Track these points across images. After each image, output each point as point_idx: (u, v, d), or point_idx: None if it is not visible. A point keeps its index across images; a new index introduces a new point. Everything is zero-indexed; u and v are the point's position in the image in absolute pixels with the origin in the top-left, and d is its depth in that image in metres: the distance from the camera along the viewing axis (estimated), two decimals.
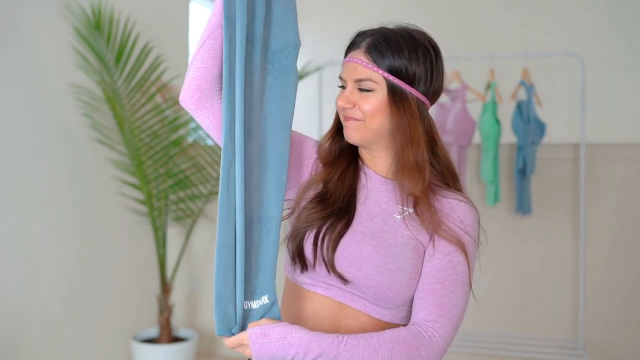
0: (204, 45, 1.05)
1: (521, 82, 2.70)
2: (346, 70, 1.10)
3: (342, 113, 1.10)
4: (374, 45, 1.06)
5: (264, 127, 1.04)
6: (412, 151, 1.07)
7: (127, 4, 2.76)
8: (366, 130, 1.08)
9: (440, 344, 1.00)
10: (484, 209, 2.92)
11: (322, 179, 1.12)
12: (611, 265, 2.78)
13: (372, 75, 1.06)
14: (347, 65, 1.09)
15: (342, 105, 1.08)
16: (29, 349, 2.36)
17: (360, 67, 1.06)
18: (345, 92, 1.09)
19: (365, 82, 1.06)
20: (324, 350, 0.95)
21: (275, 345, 0.96)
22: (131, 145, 2.63)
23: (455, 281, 1.04)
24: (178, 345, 2.76)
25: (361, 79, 1.06)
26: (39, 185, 2.43)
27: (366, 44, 1.07)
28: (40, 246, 2.44)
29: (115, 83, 2.58)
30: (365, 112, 1.06)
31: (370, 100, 1.06)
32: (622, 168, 2.79)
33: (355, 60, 1.07)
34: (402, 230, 1.06)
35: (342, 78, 1.10)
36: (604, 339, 2.77)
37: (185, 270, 3.34)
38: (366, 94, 1.07)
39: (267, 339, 0.96)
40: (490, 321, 2.90)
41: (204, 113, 1.07)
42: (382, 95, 1.06)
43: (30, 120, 2.39)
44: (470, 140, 2.75)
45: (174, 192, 2.83)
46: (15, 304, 2.32)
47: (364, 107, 1.06)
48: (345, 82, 1.10)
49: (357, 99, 1.07)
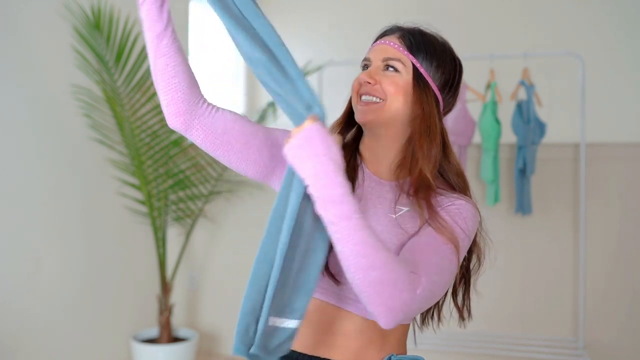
0: (157, 67, 0.98)
1: (521, 82, 2.70)
2: (374, 51, 1.08)
3: (362, 90, 1.05)
4: (410, 33, 1.08)
5: None
6: (428, 141, 1.04)
7: (127, 4, 2.76)
8: (384, 111, 1.04)
9: (420, 298, 0.89)
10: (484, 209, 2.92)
11: None
12: (611, 265, 2.78)
13: (401, 57, 1.05)
14: (377, 46, 1.08)
15: (364, 79, 1.04)
16: (29, 349, 2.36)
17: (391, 48, 1.06)
18: (370, 69, 1.07)
19: (394, 62, 1.05)
20: (343, 206, 0.84)
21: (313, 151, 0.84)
22: (131, 145, 2.63)
23: (441, 256, 0.95)
24: (178, 345, 2.76)
25: (390, 58, 1.05)
26: (39, 185, 2.43)
27: (402, 31, 1.09)
28: (40, 246, 2.44)
29: (115, 83, 2.58)
30: (388, 91, 1.04)
31: (394, 79, 1.05)
32: (622, 168, 2.79)
33: (387, 42, 1.07)
34: (396, 229, 1.02)
35: (367, 58, 1.09)
36: (604, 339, 2.77)
37: (185, 270, 3.34)
38: (392, 74, 1.05)
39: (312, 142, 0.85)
40: (490, 321, 2.90)
41: (195, 132, 1.00)
42: (407, 78, 1.05)
43: (30, 120, 2.38)
44: (470, 140, 2.75)
45: (174, 192, 2.83)
46: (16, 304, 2.32)
47: (386, 86, 1.04)
48: (370, 61, 1.08)
49: (382, 77, 1.05)
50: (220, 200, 2.97)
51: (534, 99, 2.70)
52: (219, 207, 3.18)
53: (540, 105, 2.74)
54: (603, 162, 2.79)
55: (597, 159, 2.79)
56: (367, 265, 0.84)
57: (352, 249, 0.84)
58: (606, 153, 2.80)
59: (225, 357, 3.28)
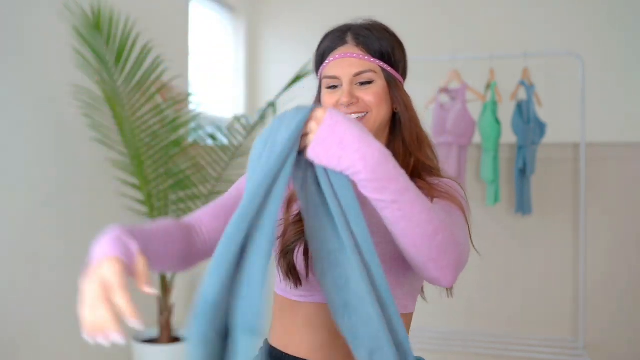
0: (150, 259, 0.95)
1: (521, 82, 2.70)
2: (338, 66, 1.07)
3: (346, 111, 1.05)
4: (362, 37, 1.08)
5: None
6: (417, 127, 1.09)
7: (127, 4, 2.76)
8: (372, 122, 1.05)
9: (468, 249, 0.91)
10: (484, 209, 2.92)
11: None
12: (611, 265, 2.78)
13: (370, 67, 1.06)
14: (340, 61, 1.07)
15: (347, 101, 1.04)
16: (28, 349, 2.36)
17: (357, 60, 1.06)
18: (345, 88, 1.05)
19: (366, 74, 1.06)
20: (400, 178, 0.81)
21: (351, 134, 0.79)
22: (131, 145, 2.63)
23: (455, 222, 0.94)
24: (178, 345, 2.76)
25: (361, 72, 1.05)
26: (39, 186, 2.43)
27: (353, 38, 1.08)
28: (39, 246, 2.44)
29: (115, 83, 2.58)
30: (371, 104, 1.05)
31: (372, 90, 1.06)
32: (622, 168, 2.79)
33: (349, 54, 1.06)
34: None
35: (334, 77, 1.07)
36: (604, 339, 2.77)
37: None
38: (367, 87, 1.06)
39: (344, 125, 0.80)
40: (491, 321, 2.90)
41: (196, 259, 1.06)
42: (381, 84, 1.07)
43: (29, 120, 2.39)
44: (470, 140, 2.75)
45: (174, 192, 2.83)
46: (15, 304, 2.32)
47: (368, 99, 1.05)
48: (338, 79, 1.07)
49: (359, 92, 1.06)
50: None
51: (534, 99, 2.70)
52: None
53: (540, 105, 2.74)
54: (603, 162, 2.79)
55: (597, 159, 2.79)
56: (432, 231, 0.82)
57: (418, 219, 0.81)
58: (606, 153, 2.80)
59: None
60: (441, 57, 3.05)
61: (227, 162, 2.94)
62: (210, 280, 0.83)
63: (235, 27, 4.16)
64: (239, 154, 2.95)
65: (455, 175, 2.72)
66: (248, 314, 0.80)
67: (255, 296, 0.79)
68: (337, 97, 1.06)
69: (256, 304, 0.79)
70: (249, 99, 4.21)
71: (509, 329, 2.89)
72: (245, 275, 0.81)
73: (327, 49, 1.10)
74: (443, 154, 2.76)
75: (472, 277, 2.78)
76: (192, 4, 3.59)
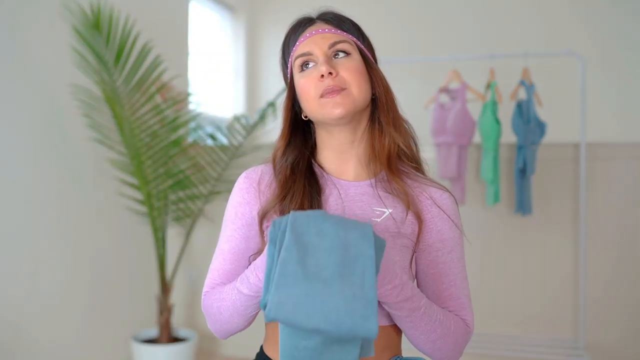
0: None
1: (521, 81, 2.70)
2: (312, 42, 1.00)
3: (324, 86, 0.98)
4: (330, 16, 1.04)
5: None
6: (394, 112, 1.04)
7: (127, 4, 2.76)
8: (351, 98, 0.98)
9: (470, 335, 1.06)
10: (484, 209, 2.92)
11: (278, 203, 1.01)
12: (611, 265, 2.78)
13: (345, 38, 1.01)
14: (312, 38, 1.01)
15: (326, 69, 0.96)
16: (28, 349, 2.36)
17: (330, 34, 1.01)
18: (321, 59, 0.98)
19: (341, 45, 1.00)
20: (414, 298, 0.94)
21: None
22: (131, 145, 2.62)
23: (461, 273, 1.06)
24: (178, 345, 2.76)
25: (336, 42, 1.00)
26: (38, 185, 2.43)
27: (321, 18, 1.04)
28: (39, 246, 2.43)
29: (115, 83, 2.58)
30: (350, 79, 0.98)
31: (350, 64, 0.99)
32: (622, 168, 2.78)
33: (320, 30, 1.01)
34: (384, 233, 1.00)
35: (307, 53, 1.00)
36: (604, 339, 2.77)
37: (185, 271, 3.34)
38: (344, 59, 1.00)
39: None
40: (490, 321, 2.90)
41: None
42: (358, 60, 1.01)
43: (29, 120, 2.38)
44: (470, 140, 2.74)
45: (174, 192, 2.83)
46: (15, 304, 2.31)
47: (346, 74, 0.98)
48: (313, 54, 1.00)
49: (337, 66, 0.99)
50: (220, 200, 2.97)
51: (534, 99, 2.70)
52: (219, 207, 3.18)
53: (540, 105, 2.74)
54: (603, 162, 2.79)
55: (597, 159, 2.79)
56: (435, 337, 0.98)
57: (423, 329, 0.96)
58: (606, 153, 2.79)
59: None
60: (441, 57, 3.05)
61: (227, 162, 2.94)
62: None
63: (235, 27, 4.15)
64: (238, 154, 2.95)
65: (455, 176, 2.71)
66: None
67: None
68: (315, 74, 0.99)
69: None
70: (249, 99, 4.21)
71: (509, 329, 2.89)
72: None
73: (294, 34, 1.04)
74: (443, 154, 2.75)
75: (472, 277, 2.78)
76: (192, 4, 3.59)
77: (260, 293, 0.93)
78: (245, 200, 1.06)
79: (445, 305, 1.04)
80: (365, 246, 0.82)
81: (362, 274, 0.81)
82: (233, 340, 1.09)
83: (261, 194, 1.05)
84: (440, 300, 1.04)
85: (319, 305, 0.78)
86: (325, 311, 0.78)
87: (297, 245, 0.81)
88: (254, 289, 0.94)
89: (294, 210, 0.89)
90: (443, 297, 1.04)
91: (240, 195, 1.07)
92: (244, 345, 2.73)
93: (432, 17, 3.66)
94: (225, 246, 1.06)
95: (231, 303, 0.98)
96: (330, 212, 1.02)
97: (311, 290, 0.79)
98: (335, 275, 0.80)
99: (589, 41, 3.27)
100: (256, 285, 0.93)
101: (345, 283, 0.80)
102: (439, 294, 1.04)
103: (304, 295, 0.79)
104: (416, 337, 0.98)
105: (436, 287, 1.04)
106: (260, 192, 1.05)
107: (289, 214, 0.85)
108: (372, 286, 0.80)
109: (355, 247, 0.82)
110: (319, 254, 0.81)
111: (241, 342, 2.01)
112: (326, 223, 0.83)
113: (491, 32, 3.51)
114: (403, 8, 3.66)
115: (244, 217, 1.05)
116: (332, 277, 0.80)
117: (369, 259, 0.82)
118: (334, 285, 0.79)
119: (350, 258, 0.82)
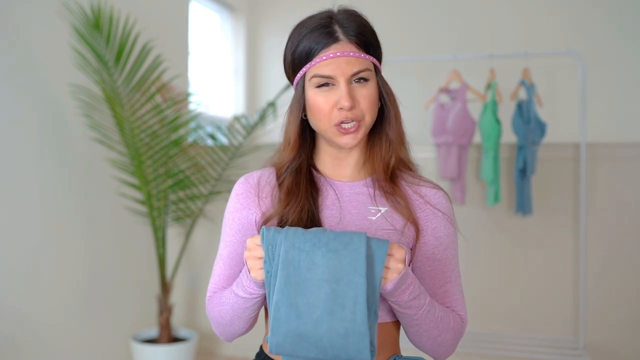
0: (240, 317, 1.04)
1: (521, 81, 2.70)
2: (335, 65, 0.98)
3: (342, 117, 0.98)
4: (350, 29, 0.99)
5: None
6: (400, 125, 1.06)
7: (127, 4, 2.76)
8: (364, 128, 1.01)
9: (465, 329, 1.09)
10: (484, 209, 2.92)
11: (280, 212, 1.03)
12: (611, 265, 2.78)
13: (367, 65, 1.00)
14: (336, 61, 0.98)
15: (349, 105, 0.96)
16: (28, 349, 2.36)
17: (355, 59, 0.98)
18: (344, 90, 0.97)
19: (363, 73, 0.99)
20: (420, 297, 0.98)
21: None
22: (131, 145, 2.62)
23: (456, 269, 1.09)
24: (178, 345, 2.76)
25: (359, 72, 0.98)
26: (38, 186, 2.43)
27: (343, 33, 0.99)
28: (39, 246, 2.43)
29: (115, 83, 2.58)
30: (366, 109, 0.99)
31: (368, 92, 0.99)
32: (622, 168, 2.78)
33: (347, 53, 0.98)
34: (379, 232, 1.02)
35: (330, 76, 0.98)
36: (604, 339, 2.77)
37: (185, 270, 3.34)
38: (363, 86, 0.99)
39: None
40: (490, 321, 2.90)
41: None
42: (374, 84, 1.01)
43: (29, 120, 2.38)
44: (470, 140, 2.74)
45: (174, 192, 2.83)
46: (15, 304, 2.31)
47: (364, 103, 0.99)
48: (333, 79, 0.98)
49: (355, 93, 0.99)
50: (220, 200, 2.97)
51: (534, 99, 2.70)
52: (219, 207, 3.18)
53: (540, 105, 2.74)
54: (603, 162, 2.79)
55: (597, 159, 2.79)
56: (437, 333, 1.02)
57: (427, 327, 1.00)
58: (606, 153, 2.80)
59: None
60: (441, 57, 3.05)
61: (227, 162, 2.94)
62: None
63: (235, 27, 4.15)
64: (238, 154, 2.95)
65: (456, 176, 2.71)
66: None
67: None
68: (334, 98, 0.98)
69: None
70: (249, 99, 4.21)
71: (509, 329, 2.89)
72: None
73: (316, 47, 0.99)
74: (443, 154, 2.75)
75: (472, 277, 2.78)
76: (192, 3, 3.59)
77: (255, 295, 0.98)
78: (242, 205, 1.08)
79: (441, 301, 1.07)
80: (356, 276, 0.87)
81: (354, 306, 0.86)
82: (233, 340, 1.11)
83: (261, 200, 1.07)
84: (437, 297, 1.07)
85: (313, 343, 0.87)
86: (320, 347, 0.87)
87: (288, 286, 0.88)
88: (248, 291, 0.98)
89: (294, 213, 1.00)
90: (439, 293, 1.07)
91: (237, 200, 1.09)
92: (244, 345, 2.73)
93: (432, 17, 3.66)
94: (224, 251, 1.10)
95: (230, 307, 1.02)
96: (327, 212, 1.04)
97: (304, 331, 0.87)
98: (325, 314, 0.86)
99: (589, 41, 3.27)
100: (250, 288, 0.97)
101: (336, 319, 0.86)
102: (436, 290, 1.06)
103: (297, 336, 0.87)
104: (419, 334, 1.01)
105: (433, 284, 1.06)
106: (260, 198, 1.07)
107: (283, 231, 0.91)
108: (364, 320, 0.86)
109: (347, 276, 0.87)
110: (310, 290, 0.88)
111: (241, 342, 2.01)
112: (318, 253, 0.89)
113: (491, 32, 3.51)
114: (403, 8, 3.66)
115: (241, 222, 1.08)
116: (323, 317, 0.87)
117: (360, 287, 0.87)
118: (324, 324, 0.86)
119: (341, 290, 0.87)
